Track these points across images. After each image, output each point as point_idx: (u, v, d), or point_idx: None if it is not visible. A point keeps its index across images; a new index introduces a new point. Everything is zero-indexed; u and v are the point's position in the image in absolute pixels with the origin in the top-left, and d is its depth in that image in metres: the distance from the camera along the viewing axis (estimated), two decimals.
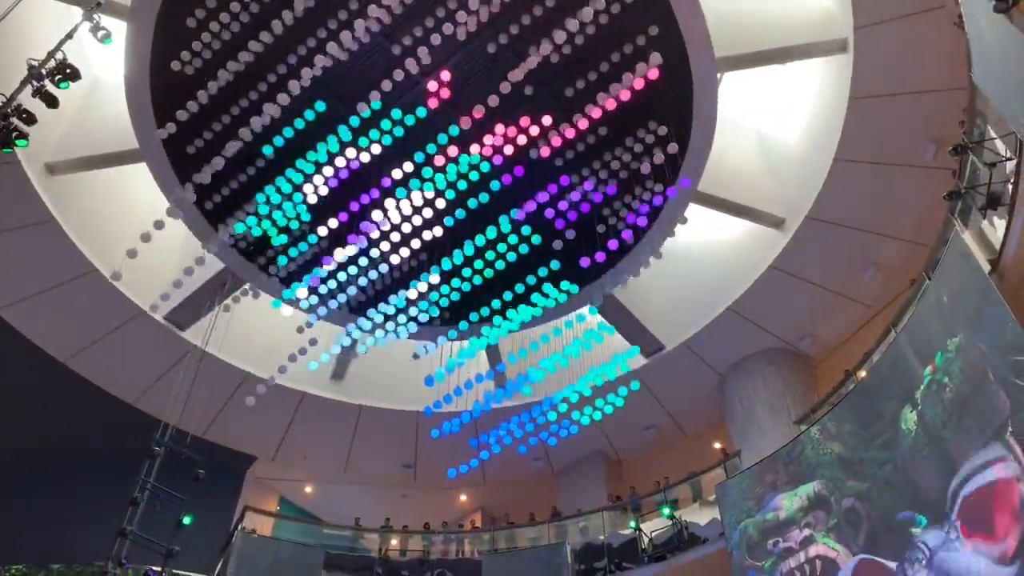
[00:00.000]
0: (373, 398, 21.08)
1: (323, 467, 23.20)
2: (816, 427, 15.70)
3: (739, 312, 19.33)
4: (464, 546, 20.82)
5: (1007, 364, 11.48)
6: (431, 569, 19.21)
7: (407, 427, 21.31)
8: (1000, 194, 11.90)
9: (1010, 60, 9.60)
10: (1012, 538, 10.92)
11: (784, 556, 14.69)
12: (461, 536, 21.05)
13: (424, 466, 22.55)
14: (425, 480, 23.10)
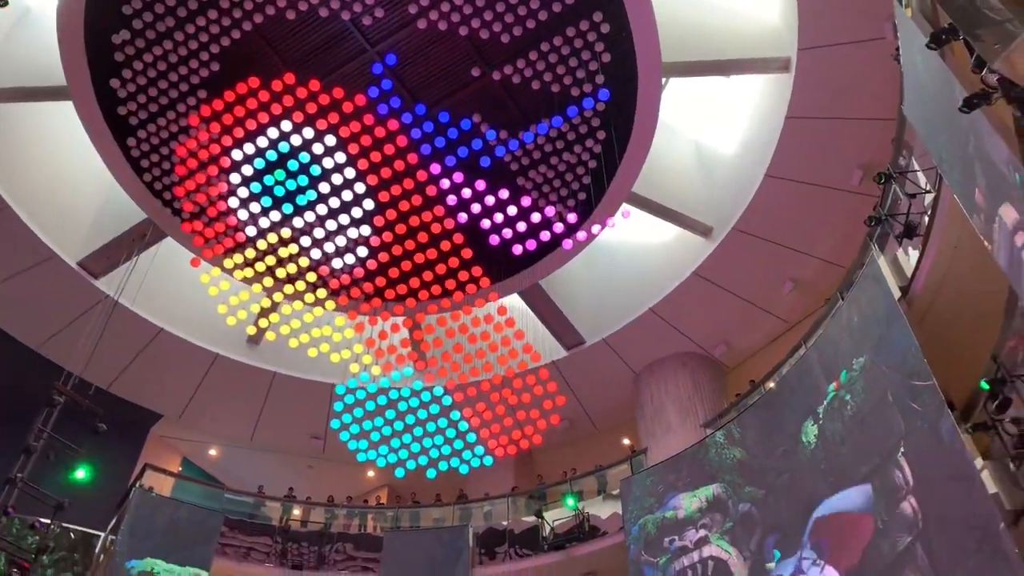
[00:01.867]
0: (287, 366, 20.75)
1: (230, 431, 22.76)
2: (722, 432, 16.17)
3: (660, 314, 19.72)
4: (367, 522, 20.75)
5: (906, 388, 12.03)
6: (331, 542, 19.10)
7: (320, 398, 21.06)
8: (917, 224, 12.43)
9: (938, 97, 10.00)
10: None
11: (678, 554, 15.10)
12: (365, 511, 20.95)
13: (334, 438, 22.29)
14: (334, 453, 22.82)
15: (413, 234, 16.54)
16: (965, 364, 11.25)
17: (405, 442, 17.48)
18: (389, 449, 17.53)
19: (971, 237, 10.50)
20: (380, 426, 17.44)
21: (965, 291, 11.64)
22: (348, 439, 17.41)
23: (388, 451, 17.54)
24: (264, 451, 23.01)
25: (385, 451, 17.53)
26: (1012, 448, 10.30)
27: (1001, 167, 8.65)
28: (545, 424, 16.97)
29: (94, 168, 17.13)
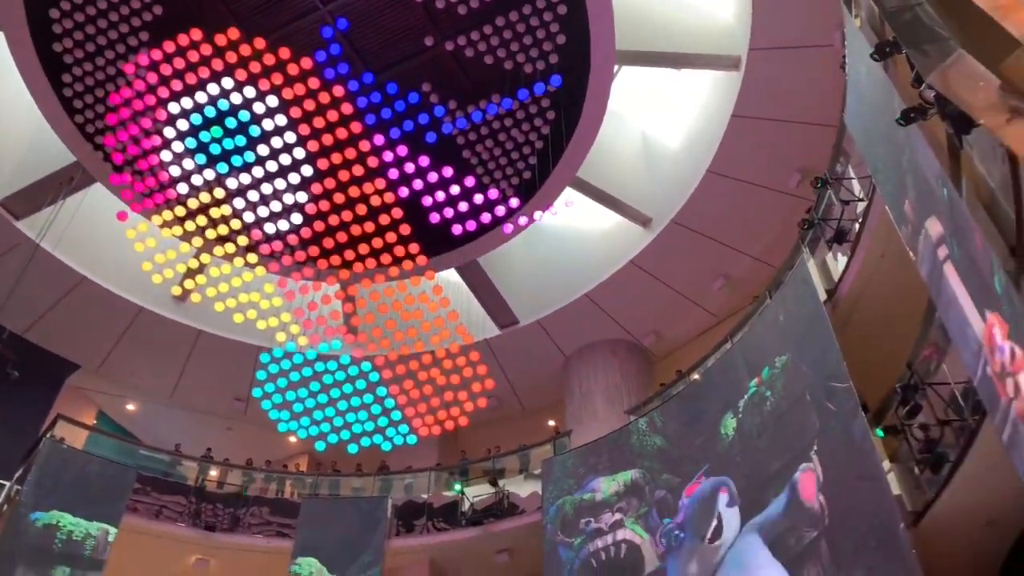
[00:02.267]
0: (214, 325, 20.31)
1: (150, 387, 22.21)
2: (645, 419, 16.45)
3: (595, 300, 19.90)
4: (285, 487, 20.54)
5: (823, 388, 12.42)
6: (247, 505, 18.86)
7: (245, 360, 20.69)
8: (847, 231, 12.79)
9: (878, 108, 10.26)
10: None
11: (593, 536, 15.35)
12: (283, 477, 20.72)
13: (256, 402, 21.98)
14: (256, 417, 22.43)
15: (351, 205, 16.09)
16: (881, 369, 11.65)
17: (328, 415, 17.21)
18: (311, 421, 17.28)
19: (897, 247, 10.84)
20: (304, 397, 17.13)
21: (887, 298, 12.04)
22: (270, 408, 17.12)
23: (310, 423, 17.28)
24: (184, 409, 22.54)
25: (307, 423, 17.25)
26: (917, 453, 10.72)
27: (931, 181, 8.93)
28: (472, 407, 16.94)
29: (22, 105, 16.41)
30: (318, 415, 17.22)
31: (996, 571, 11.06)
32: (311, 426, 17.27)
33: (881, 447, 11.30)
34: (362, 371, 16.92)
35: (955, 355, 9.77)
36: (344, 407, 17.15)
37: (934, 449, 10.32)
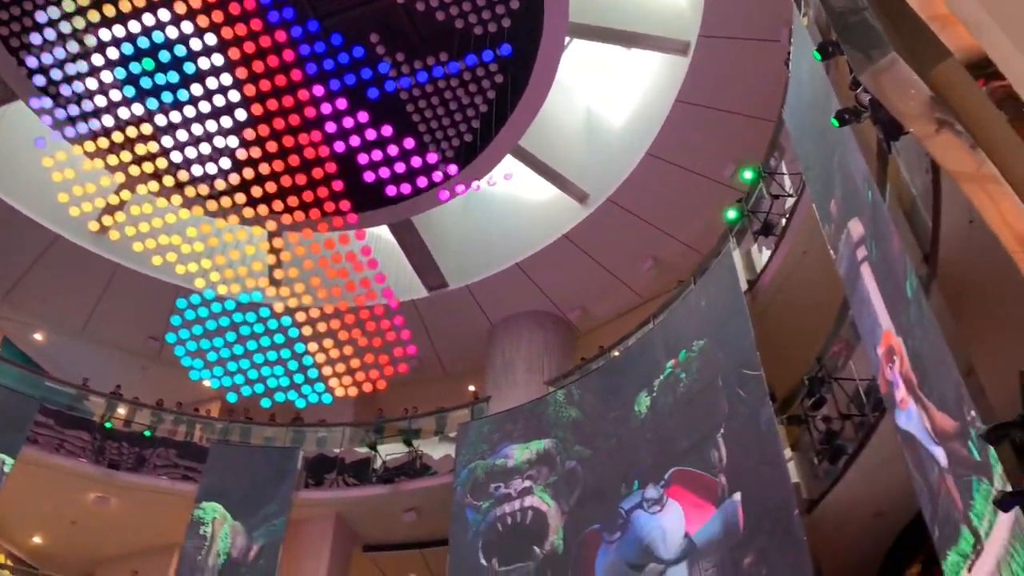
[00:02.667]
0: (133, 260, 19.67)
1: (61, 318, 21.41)
2: (563, 391, 16.69)
3: (525, 270, 19.98)
4: (195, 431, 20.17)
5: (736, 374, 12.79)
6: (154, 446, 18.48)
7: (164, 299, 20.14)
8: (774, 224, 13.10)
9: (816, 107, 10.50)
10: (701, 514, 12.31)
11: (501, 501, 15.56)
12: (194, 420, 20.33)
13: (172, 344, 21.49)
14: (170, 357, 21.87)
15: (283, 155, 15.59)
16: (792, 361, 12.04)
17: (243, 367, 16.86)
18: (225, 371, 16.91)
19: (820, 245, 11.18)
20: (219, 346, 16.72)
21: (805, 294, 12.43)
22: (183, 355, 16.68)
23: (223, 373, 16.91)
24: (95, 344, 21.82)
25: (220, 372, 16.88)
26: (818, 444, 11.17)
27: (858, 183, 9.21)
28: (392, 371, 16.80)
29: None
30: (232, 366, 16.82)
31: (880, 560, 11.65)
32: (224, 376, 16.89)
33: (784, 435, 11.72)
34: (282, 326, 16.52)
35: (862, 352, 10.17)
36: (260, 360, 16.79)
37: (834, 441, 10.77)
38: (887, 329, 8.12)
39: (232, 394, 16.99)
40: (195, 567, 16.24)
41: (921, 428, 8.02)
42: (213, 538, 16.64)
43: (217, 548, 16.50)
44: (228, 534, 16.71)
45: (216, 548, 16.50)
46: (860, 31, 6.13)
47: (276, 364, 16.81)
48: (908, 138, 7.93)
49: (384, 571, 19.54)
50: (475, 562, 15.01)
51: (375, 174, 15.70)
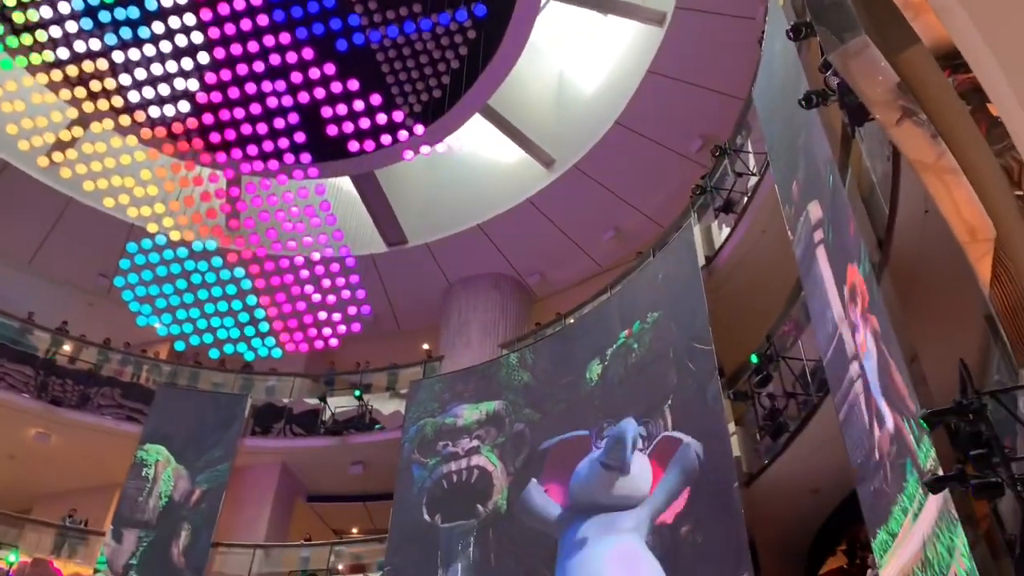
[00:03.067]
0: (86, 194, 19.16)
1: (7, 249, 20.84)
2: (516, 355, 16.77)
3: (486, 232, 19.93)
4: (142, 372, 19.89)
5: (687, 348, 12.96)
6: (99, 384, 18.20)
7: (116, 237, 19.74)
8: (736, 202, 13.21)
9: (785, 88, 10.55)
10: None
11: (448, 459, 15.67)
12: (141, 361, 20.02)
13: None
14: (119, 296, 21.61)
15: (245, 102, 15.17)
16: (743, 338, 12.23)
17: (192, 316, 16.50)
18: (174, 319, 16.55)
19: (778, 225, 11.31)
20: (168, 293, 16.31)
21: (760, 273, 12.58)
22: (131, 299, 16.30)
23: (172, 321, 16.55)
24: (43, 278, 21.29)
25: (169, 320, 16.51)
26: (761, 420, 11.40)
27: (820, 166, 9.31)
28: (345, 330, 16.61)
29: None
30: (182, 314, 16.43)
31: (812, 536, 12.01)
32: (172, 324, 16.52)
33: (729, 410, 11.94)
34: (234, 276, 16.12)
35: (811, 334, 10.36)
36: (211, 310, 16.37)
37: (777, 418, 11.00)
38: (852, 264, 8.23)
39: (180, 343, 16.67)
40: (135, 508, 16.14)
41: (876, 379, 8.11)
42: (155, 480, 16.53)
43: (159, 490, 16.40)
44: (171, 477, 16.61)
45: (158, 490, 16.40)
46: (834, 13, 6.16)
47: (227, 315, 16.46)
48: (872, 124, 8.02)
49: (327, 521, 19.63)
50: (418, 517, 15.14)
51: (338, 128, 15.36)
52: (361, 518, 19.65)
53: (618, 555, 12.52)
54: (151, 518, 16.04)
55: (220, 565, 16.12)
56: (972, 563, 6.02)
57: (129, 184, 15.50)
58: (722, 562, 10.74)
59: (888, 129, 5.08)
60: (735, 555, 10.56)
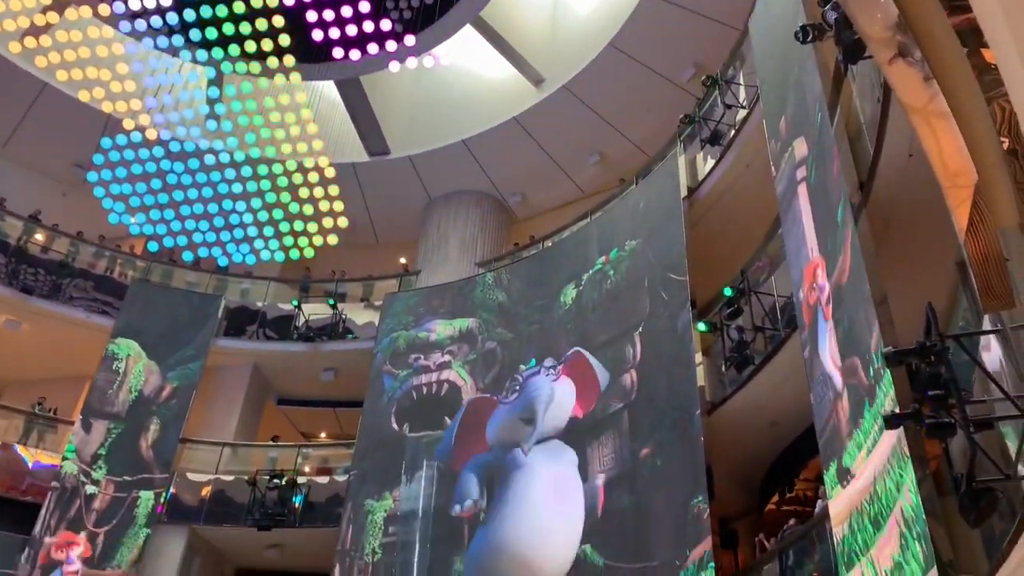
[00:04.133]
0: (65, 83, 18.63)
1: None
2: (493, 274, 16.84)
3: (469, 148, 19.71)
4: (116, 266, 19.71)
5: (661, 277, 13.07)
6: (72, 276, 18.06)
7: (94, 126, 19.30)
8: (723, 134, 13.14)
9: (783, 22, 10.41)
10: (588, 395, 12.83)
11: (420, 371, 15.86)
12: (115, 255, 19.82)
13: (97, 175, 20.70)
14: None
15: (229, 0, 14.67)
16: (717, 271, 12.36)
17: (167, 217, 16.14)
18: (147, 219, 16.19)
19: (763, 160, 11.31)
20: (143, 192, 15.91)
21: (740, 207, 12.64)
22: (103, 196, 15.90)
23: (146, 221, 16.18)
24: (16, 164, 20.83)
25: (143, 220, 16.15)
26: (728, 352, 11.62)
27: (809, 103, 9.27)
28: (322, 240, 16.36)
29: None
30: (156, 214, 16.06)
31: (767, 466, 12.40)
32: (146, 224, 16.18)
33: (698, 340, 12.14)
34: (211, 180, 15.73)
35: (785, 271, 10.49)
36: (187, 212, 16.03)
37: (743, 351, 11.22)
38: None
39: (153, 244, 16.41)
40: (105, 400, 16.24)
41: (825, 346, 8.40)
42: (126, 374, 16.60)
43: (129, 384, 16.49)
44: (141, 372, 16.68)
45: (128, 384, 16.49)
46: None
47: (202, 218, 16.16)
48: (865, 64, 7.98)
49: (296, 425, 19.90)
50: (387, 425, 15.41)
51: (324, 33, 14.90)
52: (330, 423, 19.95)
53: (551, 480, 13.07)
54: (120, 411, 16.17)
55: (187, 460, 16.37)
56: (918, 498, 6.28)
57: (105, 77, 14.98)
58: (678, 485, 11.08)
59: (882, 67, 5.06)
60: (692, 479, 10.90)
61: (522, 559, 12.74)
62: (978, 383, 6.15)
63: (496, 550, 13.01)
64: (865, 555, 7.22)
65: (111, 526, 14.82)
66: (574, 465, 12.84)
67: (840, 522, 7.79)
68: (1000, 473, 5.31)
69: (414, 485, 14.51)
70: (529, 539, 12.86)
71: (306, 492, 15.81)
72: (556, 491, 12.96)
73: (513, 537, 12.97)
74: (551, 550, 12.48)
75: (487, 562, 13.01)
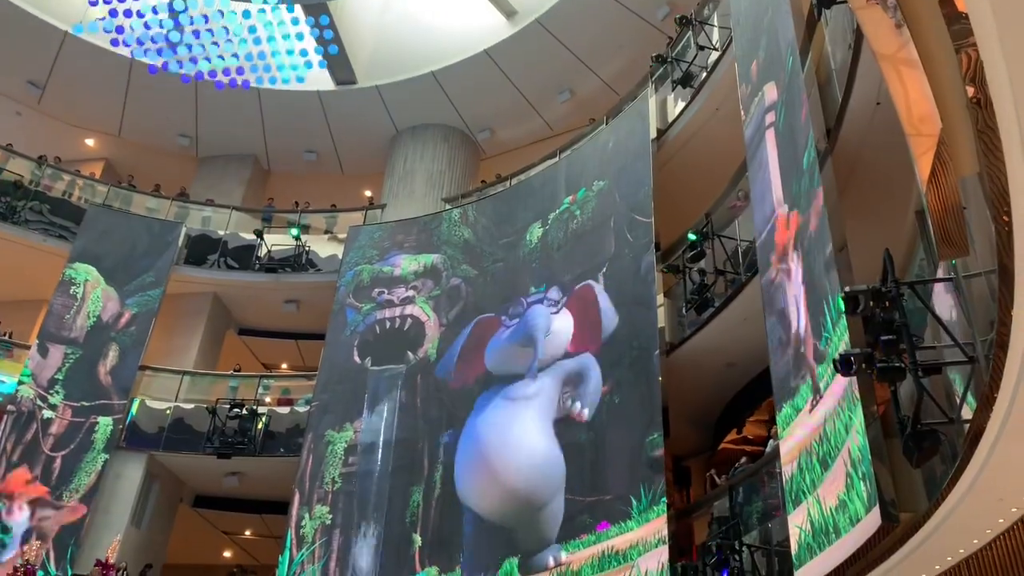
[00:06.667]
0: None
1: None
2: (459, 210, 16.74)
3: (439, 80, 19.40)
4: (74, 191, 19.21)
5: (627, 218, 13.12)
6: (27, 198, 17.59)
7: (48, 40, 18.65)
8: (694, 76, 13.06)
9: None
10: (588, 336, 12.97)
11: (383, 306, 15.85)
12: (74, 178, 19.30)
13: (57, 91, 20.08)
14: (52, 107, 20.65)
15: None
16: (683, 213, 12.41)
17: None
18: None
19: (732, 104, 11.30)
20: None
21: (709, 151, 12.65)
22: None
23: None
24: None
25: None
26: (689, 294, 11.75)
27: (781, 48, 9.23)
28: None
29: None
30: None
31: (723, 406, 12.69)
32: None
33: (661, 282, 12.26)
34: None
35: (748, 216, 10.58)
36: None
37: (704, 294, 11.36)
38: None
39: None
40: (62, 325, 16.02)
41: (786, 290, 8.53)
42: (83, 299, 16.35)
43: (87, 309, 16.26)
44: (100, 298, 16.44)
45: (86, 309, 16.25)
46: None
47: None
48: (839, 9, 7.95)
49: (257, 356, 19.85)
50: (349, 358, 15.43)
51: None
52: (292, 355, 19.93)
53: (514, 419, 13.18)
54: (78, 336, 15.97)
55: (147, 388, 16.29)
56: (865, 440, 6.48)
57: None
58: (635, 422, 11.31)
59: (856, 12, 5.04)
60: (648, 418, 11.13)
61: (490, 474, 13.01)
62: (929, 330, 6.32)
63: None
64: (812, 493, 7.47)
65: (68, 451, 14.76)
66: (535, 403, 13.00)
67: (790, 461, 8.04)
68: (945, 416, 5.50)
69: (375, 417, 14.63)
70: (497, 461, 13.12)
71: (267, 422, 15.86)
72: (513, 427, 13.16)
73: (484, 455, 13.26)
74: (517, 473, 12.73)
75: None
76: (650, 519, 10.40)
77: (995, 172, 3.48)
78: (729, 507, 9.77)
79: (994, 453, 4.94)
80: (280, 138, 21.34)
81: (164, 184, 19.95)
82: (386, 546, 13.27)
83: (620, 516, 10.87)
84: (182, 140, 21.57)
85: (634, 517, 10.65)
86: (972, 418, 5.10)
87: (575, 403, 12.39)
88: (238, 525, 17.88)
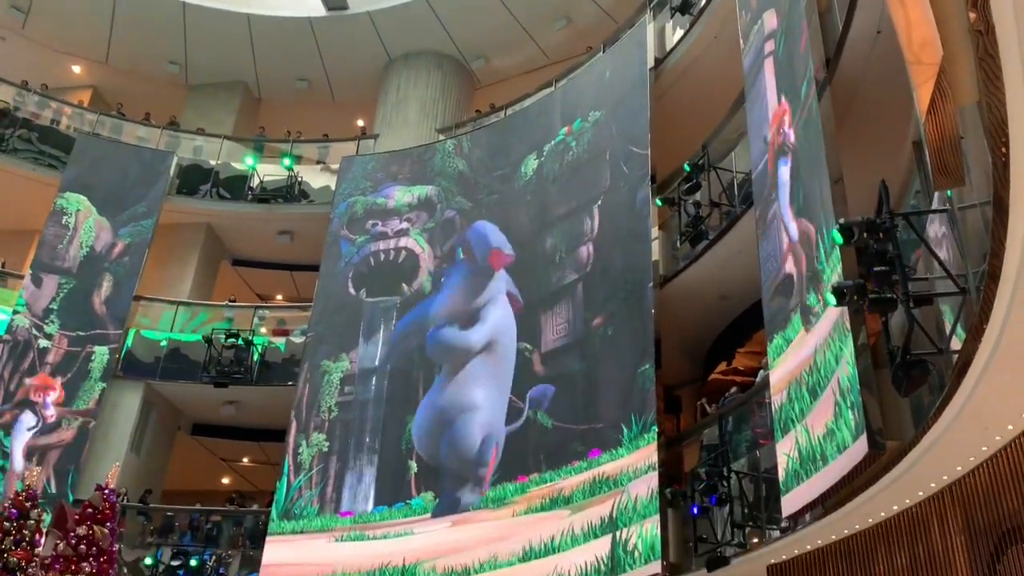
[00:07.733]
0: None
1: None
2: (453, 141, 16.56)
3: (432, 6, 18.95)
4: (62, 119, 18.91)
5: (623, 150, 13.02)
6: (15, 126, 17.34)
7: None
8: (693, 4, 12.79)
9: None
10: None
11: (377, 238, 15.81)
12: (62, 105, 18.95)
13: (41, 15, 19.61)
14: (37, 33, 20.19)
15: None
16: (679, 145, 12.30)
17: None
18: None
19: (732, 33, 11.11)
20: None
21: (707, 81, 12.48)
22: None
23: None
24: None
25: None
26: (684, 227, 11.74)
27: None
28: None
29: None
30: None
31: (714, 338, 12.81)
32: None
33: (655, 215, 12.23)
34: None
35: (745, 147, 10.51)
36: None
37: (699, 226, 11.35)
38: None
39: None
40: (55, 255, 15.98)
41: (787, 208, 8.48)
42: (76, 229, 16.27)
43: (80, 239, 16.19)
44: (92, 228, 16.36)
45: (79, 239, 16.19)
46: None
47: None
48: None
49: (252, 287, 19.86)
50: (343, 289, 15.46)
51: None
52: (287, 286, 19.94)
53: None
54: (72, 266, 15.94)
55: (142, 318, 16.33)
56: (855, 370, 6.57)
57: None
58: (627, 354, 11.42)
59: None
60: (640, 349, 11.23)
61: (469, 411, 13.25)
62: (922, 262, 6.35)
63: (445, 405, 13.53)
64: (800, 422, 7.61)
65: (66, 378, 14.90)
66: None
67: (779, 391, 8.16)
68: (934, 347, 5.57)
69: (371, 347, 14.74)
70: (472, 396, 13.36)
71: (263, 352, 15.97)
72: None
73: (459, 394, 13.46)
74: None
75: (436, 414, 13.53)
76: (640, 446, 10.59)
77: (994, 102, 3.45)
78: (719, 435, 9.95)
79: (981, 383, 5.03)
80: (271, 65, 20.94)
81: (154, 113, 19.66)
82: (382, 472, 13.52)
83: (611, 444, 11.07)
84: (171, 67, 21.17)
85: (625, 444, 10.84)
86: (961, 349, 5.18)
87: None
88: (236, 452, 18.16)
